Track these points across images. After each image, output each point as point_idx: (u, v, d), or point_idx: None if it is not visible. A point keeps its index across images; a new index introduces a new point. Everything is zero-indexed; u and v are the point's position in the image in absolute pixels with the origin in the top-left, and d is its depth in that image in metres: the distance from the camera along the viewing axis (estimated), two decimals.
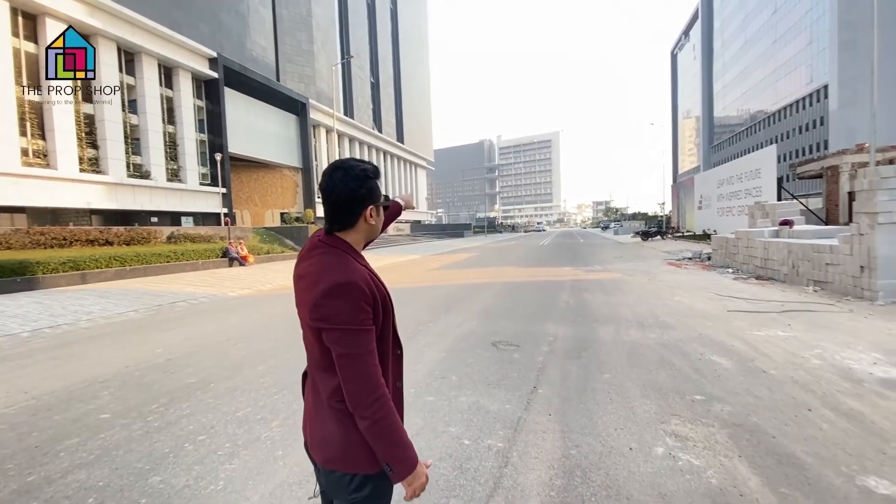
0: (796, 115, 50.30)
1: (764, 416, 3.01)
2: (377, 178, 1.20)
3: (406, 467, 1.09)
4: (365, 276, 1.12)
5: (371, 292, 1.11)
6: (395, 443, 1.09)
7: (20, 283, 10.62)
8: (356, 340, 1.06)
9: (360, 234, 1.21)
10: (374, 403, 1.06)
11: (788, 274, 9.22)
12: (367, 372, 1.07)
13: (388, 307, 1.18)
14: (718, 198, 23.67)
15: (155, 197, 25.48)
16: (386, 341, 1.19)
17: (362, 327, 1.07)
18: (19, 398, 3.86)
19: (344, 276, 1.09)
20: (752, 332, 5.29)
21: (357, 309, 1.07)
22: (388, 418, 1.08)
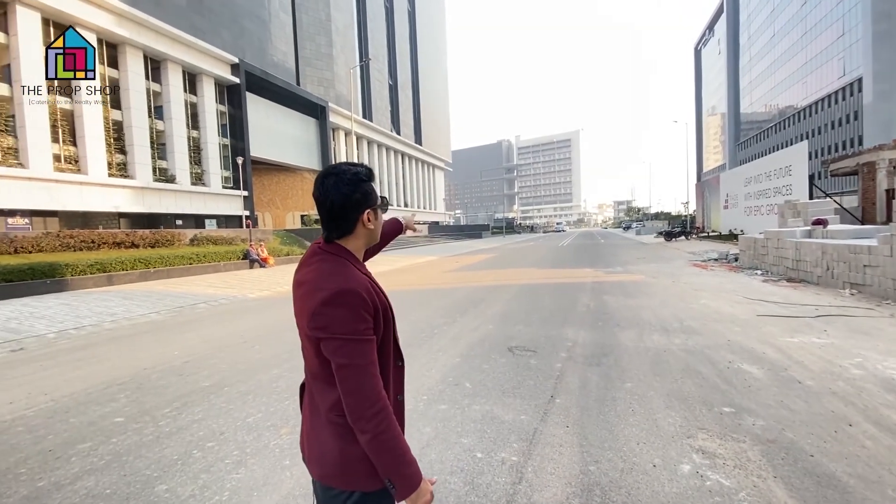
0: (828, 109, 48.35)
1: (800, 432, 2.80)
2: (371, 180, 1.17)
3: (409, 484, 1.04)
4: (366, 285, 1.09)
5: (372, 301, 1.07)
6: (398, 458, 1.04)
7: (49, 285, 10.98)
8: (357, 351, 1.03)
9: (360, 239, 1.18)
10: (375, 416, 1.02)
11: (822, 276, 8.78)
12: (368, 384, 1.03)
13: (389, 317, 1.15)
14: (746, 196, 22.88)
15: (179, 200, 26.13)
16: (386, 352, 1.15)
17: (363, 337, 1.04)
18: (40, 400, 3.92)
19: (344, 283, 1.05)
20: (784, 338, 5.00)
21: (357, 318, 1.03)
22: (390, 432, 1.03)
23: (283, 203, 40.28)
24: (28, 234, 13.81)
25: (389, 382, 1.15)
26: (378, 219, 1.19)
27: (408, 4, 67.96)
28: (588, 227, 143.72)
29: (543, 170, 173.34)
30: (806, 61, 51.69)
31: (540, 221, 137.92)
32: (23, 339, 6.47)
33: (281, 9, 38.04)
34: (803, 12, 51.89)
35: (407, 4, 67.65)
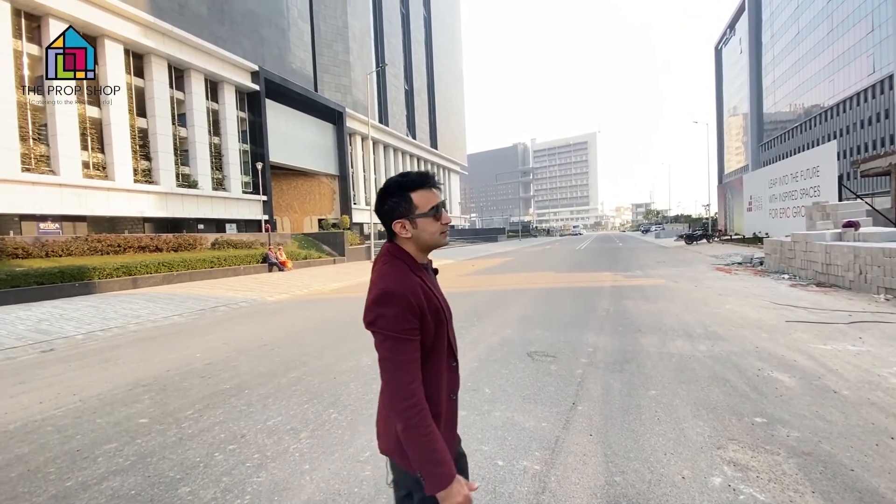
0: (857, 108, 46.77)
1: (838, 444, 2.67)
2: (404, 190, 1.20)
3: (436, 482, 1.07)
4: (414, 288, 1.15)
5: (418, 304, 1.13)
6: (426, 454, 1.08)
7: (78, 288, 11.31)
8: (397, 347, 1.10)
9: (409, 244, 1.23)
10: (406, 410, 1.08)
11: (855, 280, 8.45)
12: (404, 379, 1.10)
13: (442, 318, 1.21)
14: (771, 199, 22.27)
15: (201, 205, 26.72)
16: (440, 352, 1.21)
17: (405, 336, 1.11)
18: (68, 400, 4.02)
19: (392, 285, 1.13)
20: (816, 345, 4.81)
21: (401, 318, 1.10)
22: (420, 427, 1.09)
23: (301, 207, 40.84)
24: (58, 239, 14.29)
25: (444, 381, 1.22)
26: (417, 228, 1.21)
27: (423, 10, 68.44)
28: (605, 230, 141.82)
29: (559, 172, 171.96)
30: (833, 59, 50.16)
31: (556, 225, 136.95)
32: (53, 340, 6.67)
33: (300, 17, 38.71)
34: (829, 8, 50.41)
35: (423, 10, 68.14)
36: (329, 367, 4.69)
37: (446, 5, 77.40)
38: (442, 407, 1.21)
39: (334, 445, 2.90)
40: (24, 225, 19.20)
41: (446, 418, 1.23)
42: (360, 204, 43.40)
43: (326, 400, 3.73)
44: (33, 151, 19.37)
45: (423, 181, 1.22)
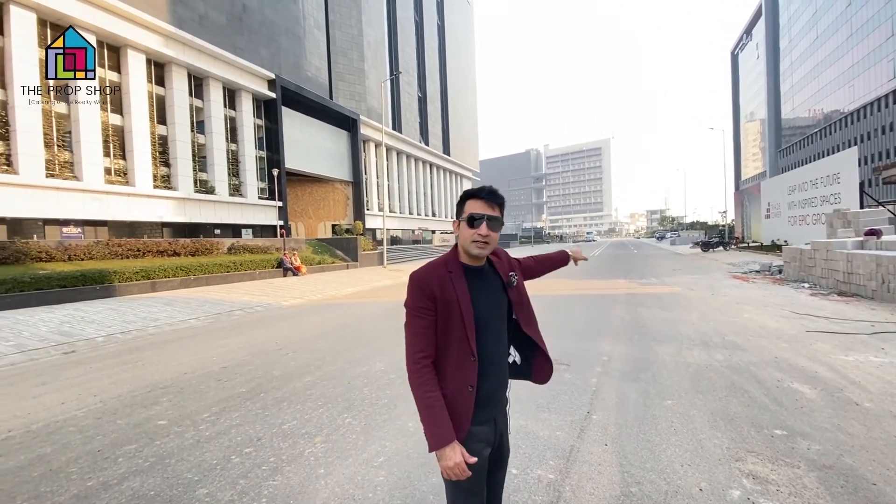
0: (878, 113, 45.67)
1: (860, 458, 2.60)
2: (467, 198, 1.41)
3: (432, 442, 1.25)
4: (430, 277, 1.35)
5: (431, 289, 1.33)
6: (425, 416, 1.27)
7: (99, 291, 11.59)
8: (409, 320, 1.35)
9: (462, 244, 1.42)
10: (413, 374, 1.31)
11: (877, 290, 8.23)
12: (412, 347, 1.32)
13: (454, 313, 1.33)
14: (789, 206, 21.83)
15: (218, 210, 27.19)
16: (453, 343, 1.34)
17: (416, 314, 1.34)
18: (89, 401, 4.11)
19: (417, 270, 1.38)
20: (837, 356, 4.70)
21: (413, 296, 1.35)
22: (421, 388, 1.28)
23: (316, 213, 41.27)
24: (80, 243, 14.66)
25: (452, 370, 1.34)
26: (459, 230, 1.42)
27: (437, 18, 69.07)
28: (619, 236, 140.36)
29: (573, 178, 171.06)
30: (853, 64, 49.16)
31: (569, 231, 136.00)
32: (75, 342, 6.84)
33: (315, 26, 39.38)
34: (848, 13, 49.50)
35: (436, 18, 68.77)
36: (343, 371, 4.73)
37: (460, 13, 78.01)
38: (458, 394, 1.32)
39: (349, 450, 2.92)
40: (47, 229, 19.75)
41: (462, 406, 1.32)
42: (373, 210, 43.69)
43: (340, 405, 3.76)
44: (57, 158, 19.94)
45: (478, 192, 1.41)
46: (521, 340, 1.55)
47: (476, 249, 1.37)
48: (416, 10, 62.33)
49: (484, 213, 1.36)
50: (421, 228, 54.20)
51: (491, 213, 1.37)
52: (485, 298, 1.39)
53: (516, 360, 1.58)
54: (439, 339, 1.33)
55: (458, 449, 1.24)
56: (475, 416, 1.34)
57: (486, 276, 1.44)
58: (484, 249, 1.38)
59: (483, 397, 1.37)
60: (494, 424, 1.43)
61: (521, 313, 1.51)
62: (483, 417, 1.37)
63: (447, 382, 1.33)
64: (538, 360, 1.56)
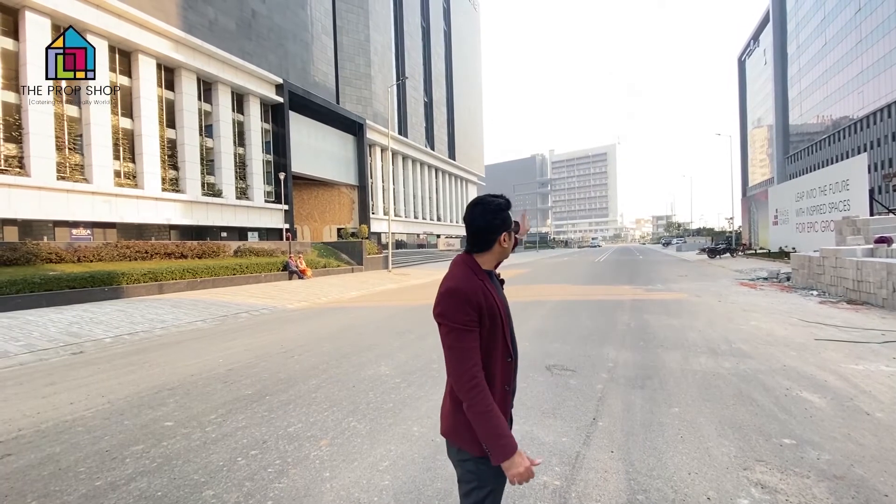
0: (888, 120, 45.29)
1: (871, 469, 2.57)
2: (509, 209, 1.44)
3: (500, 453, 1.24)
4: (475, 288, 1.33)
5: (477, 301, 1.31)
6: (490, 429, 1.25)
7: (107, 292, 11.69)
8: (459, 337, 1.28)
9: (493, 255, 1.44)
10: (470, 391, 1.26)
11: (888, 298, 8.14)
12: (466, 365, 1.27)
13: (497, 319, 1.36)
14: (798, 212, 21.66)
15: (225, 213, 27.41)
16: (495, 346, 1.36)
17: (466, 327, 1.29)
18: (97, 401, 4.15)
19: (458, 283, 1.33)
20: (847, 365, 4.65)
21: (462, 311, 1.29)
22: (482, 405, 1.25)
23: (321, 217, 41.47)
24: (89, 245, 14.81)
25: (498, 372, 1.36)
26: (511, 239, 1.47)
27: (444, 24, 69.49)
28: (625, 242, 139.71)
29: (578, 184, 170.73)
30: (861, 70, 48.85)
31: (574, 236, 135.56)
32: (83, 343, 6.90)
33: (323, 32, 39.74)
34: (857, 20, 49.27)
35: (443, 24, 69.19)
36: (348, 375, 4.74)
37: (466, 19, 78.44)
38: (496, 396, 1.35)
39: (354, 454, 2.92)
40: (57, 231, 20.00)
41: (500, 405, 1.36)
42: (378, 214, 43.84)
43: (346, 408, 3.77)
44: (68, 160, 20.23)
45: (510, 203, 1.46)
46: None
47: (509, 254, 1.48)
48: (423, 16, 62.77)
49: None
50: (426, 233, 54.30)
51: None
52: (503, 300, 1.47)
53: None
54: (487, 347, 1.34)
55: (523, 454, 1.27)
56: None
57: (494, 279, 1.50)
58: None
59: (513, 394, 1.46)
60: (511, 420, 1.49)
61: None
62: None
63: (496, 387, 1.35)
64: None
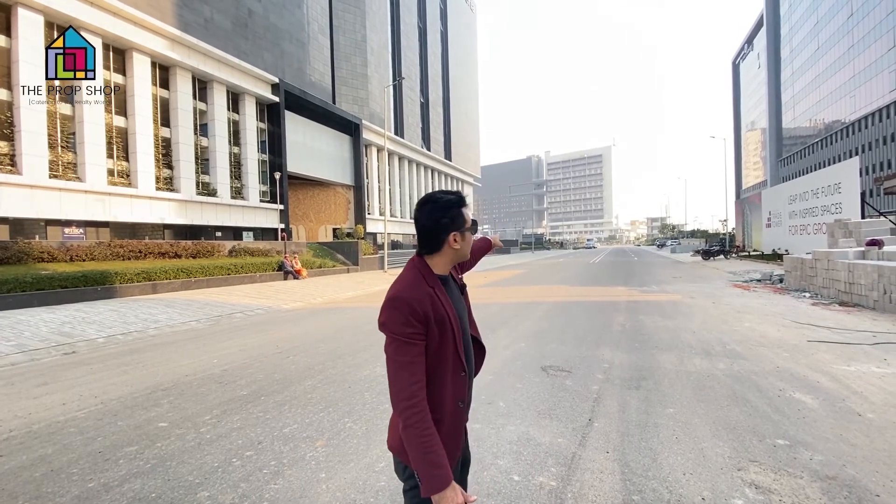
0: (879, 124, 45.82)
1: (863, 469, 2.60)
2: (461, 206, 1.31)
3: (430, 485, 1.12)
4: (421, 296, 1.22)
5: (423, 310, 1.19)
6: (422, 455, 1.13)
7: (100, 292, 11.60)
8: (401, 349, 1.18)
9: (444, 257, 1.32)
10: (406, 410, 1.15)
11: (879, 300, 8.22)
12: (405, 380, 1.16)
13: (447, 329, 1.25)
14: (790, 215, 21.85)
15: (220, 213, 27.26)
16: (444, 359, 1.25)
17: (408, 339, 1.18)
18: (90, 402, 4.11)
19: (402, 289, 1.22)
20: (839, 366, 4.69)
21: (405, 322, 1.18)
22: (418, 428, 1.14)
23: (317, 217, 41.35)
24: (82, 244, 14.69)
25: (448, 388, 1.26)
26: (465, 240, 1.32)
27: (440, 25, 69.57)
28: (620, 244, 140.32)
29: (573, 185, 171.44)
30: (854, 74, 49.40)
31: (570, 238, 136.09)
32: (75, 343, 6.84)
33: (320, 31, 39.66)
34: (850, 24, 49.82)
35: (440, 25, 69.27)
36: (344, 375, 4.73)
37: (463, 20, 78.57)
38: (446, 414, 1.24)
39: (350, 454, 2.91)
40: (49, 230, 19.80)
41: (451, 425, 1.26)
42: (374, 214, 43.77)
43: (342, 409, 3.76)
44: (61, 159, 20.04)
45: (464, 200, 1.33)
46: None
47: (467, 256, 1.35)
48: (420, 16, 62.80)
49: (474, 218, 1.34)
50: None
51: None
52: (459, 308, 1.35)
53: None
54: (433, 361, 1.23)
55: (458, 489, 1.15)
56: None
57: (451, 284, 1.39)
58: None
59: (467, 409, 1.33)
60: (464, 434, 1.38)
61: (470, 315, 1.47)
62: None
63: (446, 404, 1.25)
64: (478, 356, 1.50)
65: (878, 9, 44.88)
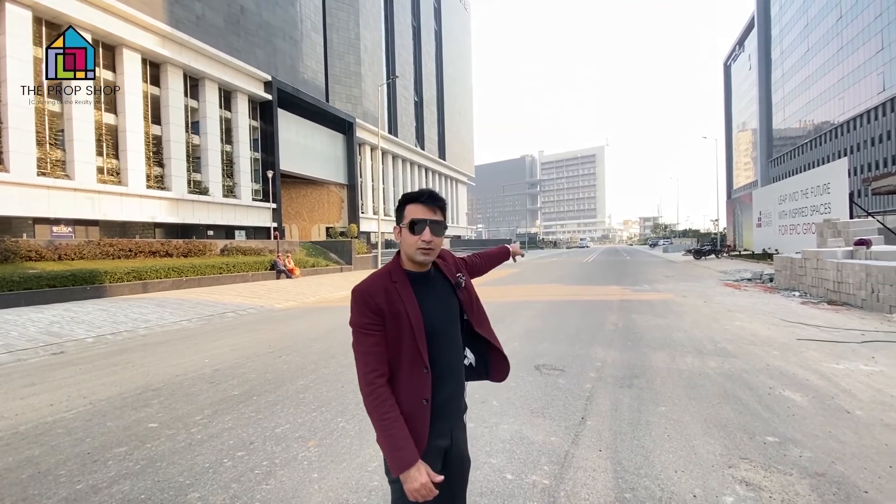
0: (867, 125, 46.48)
1: (852, 466, 2.63)
2: (406, 203, 1.34)
3: (396, 465, 1.19)
4: (376, 289, 1.28)
5: (376, 303, 1.26)
6: (385, 438, 1.20)
7: (89, 291, 11.45)
8: (358, 340, 1.27)
9: (403, 251, 1.37)
10: (367, 395, 1.23)
11: (867, 299, 8.34)
12: (363, 368, 1.24)
13: (402, 323, 1.27)
14: (780, 215, 22.10)
15: (212, 211, 27.04)
16: (400, 354, 1.27)
17: (364, 331, 1.26)
18: (78, 403, 4.06)
19: (361, 283, 1.30)
20: (828, 364, 4.75)
21: (361, 314, 1.26)
22: (378, 412, 1.21)
23: (310, 216, 41.15)
24: (71, 242, 14.50)
25: (404, 384, 1.28)
26: (402, 235, 1.34)
27: (434, 24, 69.47)
28: (612, 243, 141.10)
29: (567, 185, 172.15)
30: (843, 76, 50.04)
31: (563, 237, 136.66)
32: (63, 343, 6.75)
33: (313, 29, 39.44)
34: (839, 27, 50.46)
35: (434, 24, 69.16)
36: (337, 375, 4.71)
37: (457, 19, 78.51)
38: (404, 410, 1.26)
39: (343, 454, 2.90)
40: (37, 228, 19.53)
41: (418, 421, 1.27)
42: (367, 213, 43.67)
43: (334, 408, 3.74)
44: (49, 156, 19.76)
45: (417, 196, 1.34)
46: (475, 341, 1.52)
47: (421, 256, 1.31)
48: (414, 14, 62.66)
49: (426, 218, 1.30)
50: None
51: (433, 218, 1.31)
52: (435, 305, 1.34)
53: (472, 363, 1.54)
54: (390, 354, 1.26)
55: (423, 469, 1.19)
56: (432, 429, 1.29)
57: (434, 281, 1.38)
58: (429, 256, 1.32)
59: (440, 408, 1.32)
60: (451, 435, 1.38)
61: (472, 314, 1.47)
62: (441, 429, 1.32)
63: (402, 398, 1.26)
64: (494, 359, 1.53)
65: (866, 11, 45.51)
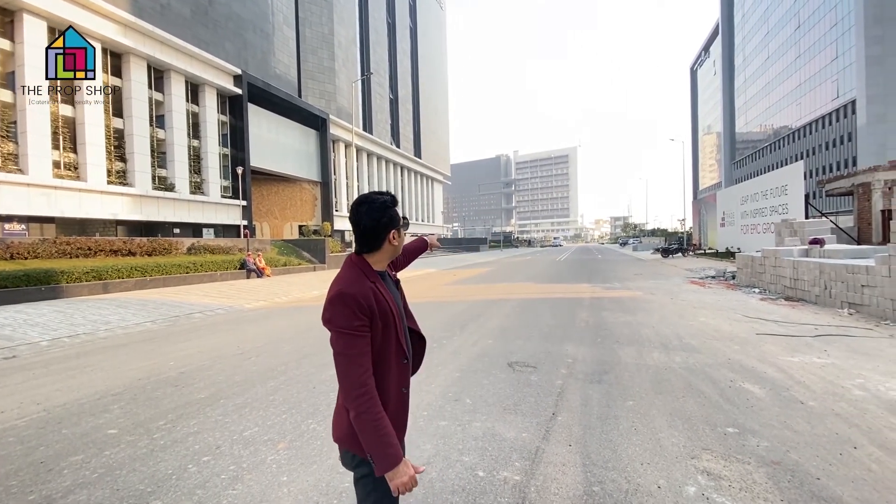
0: (822, 130, 49.09)
1: (805, 454, 2.77)
2: (395, 206, 1.40)
3: (385, 463, 1.21)
4: (365, 291, 1.29)
5: (368, 305, 1.27)
6: (376, 438, 1.22)
7: (44, 292, 10.87)
8: (350, 343, 1.25)
9: (383, 254, 1.40)
10: (358, 398, 1.22)
11: (820, 295, 8.81)
12: (356, 371, 1.23)
13: (390, 320, 1.34)
14: (742, 215, 23.06)
15: (178, 209, 26.11)
16: (388, 349, 1.34)
17: (356, 332, 1.25)
18: (31, 410, 3.85)
19: (346, 287, 1.28)
20: (785, 357, 4.99)
21: (352, 316, 1.24)
22: (370, 413, 1.22)
23: (282, 213, 40.28)
24: (24, 241, 13.71)
25: (392, 375, 1.35)
26: (401, 236, 1.43)
27: (410, 21, 69.14)
28: (585, 242, 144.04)
29: (541, 185, 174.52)
30: (800, 83, 52.64)
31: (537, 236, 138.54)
32: (16, 347, 6.38)
33: (285, 23, 38.59)
34: (797, 36, 53.01)
35: (409, 21, 68.83)
36: (309, 376, 4.63)
37: (432, 17, 78.35)
38: (391, 399, 1.34)
39: (313, 456, 2.85)
40: None
41: (396, 410, 1.36)
42: (342, 211, 43.08)
43: (305, 410, 3.67)
44: (1, 149, 18.64)
45: (396, 200, 1.42)
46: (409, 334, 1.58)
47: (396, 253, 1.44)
48: (389, 11, 62.20)
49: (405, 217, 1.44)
50: None
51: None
52: (398, 301, 1.45)
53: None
54: (379, 350, 1.32)
55: (408, 463, 1.26)
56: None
57: (388, 280, 1.47)
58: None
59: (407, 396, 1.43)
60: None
61: (406, 308, 1.55)
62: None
63: (391, 390, 1.34)
64: (418, 350, 1.59)
65: (822, 21, 47.97)
